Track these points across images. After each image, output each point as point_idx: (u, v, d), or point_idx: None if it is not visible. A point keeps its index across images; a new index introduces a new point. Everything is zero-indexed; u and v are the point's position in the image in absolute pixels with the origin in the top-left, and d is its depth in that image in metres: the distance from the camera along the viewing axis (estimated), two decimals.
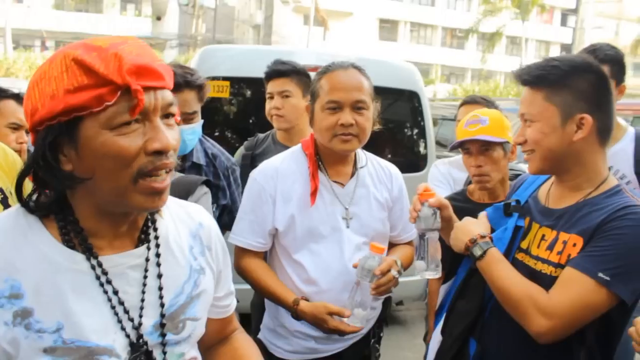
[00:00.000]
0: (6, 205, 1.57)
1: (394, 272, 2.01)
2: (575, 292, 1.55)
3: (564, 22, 47.10)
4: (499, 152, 2.38)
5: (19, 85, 7.49)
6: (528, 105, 1.70)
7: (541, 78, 1.68)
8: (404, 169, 3.66)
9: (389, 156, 4.88)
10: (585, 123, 1.64)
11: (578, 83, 1.65)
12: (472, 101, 3.34)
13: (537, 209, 1.83)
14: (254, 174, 2.19)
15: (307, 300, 2.07)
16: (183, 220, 1.26)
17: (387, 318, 2.44)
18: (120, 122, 0.98)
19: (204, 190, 2.04)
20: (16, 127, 2.66)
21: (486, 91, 25.10)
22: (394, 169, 2.35)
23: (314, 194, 2.09)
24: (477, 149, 2.40)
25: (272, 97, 3.01)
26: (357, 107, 2.04)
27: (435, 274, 1.88)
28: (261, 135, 3.26)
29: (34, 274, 1.02)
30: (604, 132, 1.69)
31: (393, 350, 2.44)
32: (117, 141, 0.98)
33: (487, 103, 3.19)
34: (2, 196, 1.60)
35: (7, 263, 1.02)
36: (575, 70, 1.66)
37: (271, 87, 3.03)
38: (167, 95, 1.05)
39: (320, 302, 2.04)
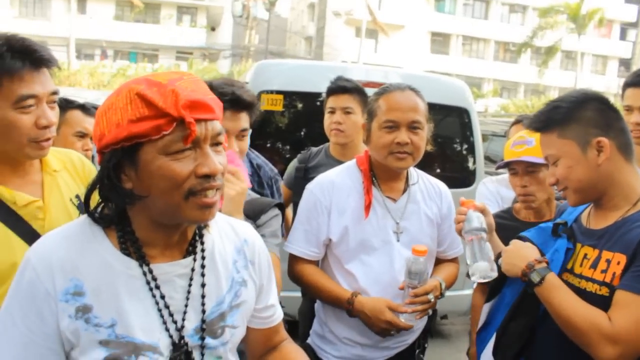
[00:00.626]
0: (82, 211, 1.72)
1: (430, 296, 2.10)
2: (634, 313, 1.58)
3: (623, 36, 45.76)
4: (545, 173, 2.40)
5: (83, 95, 7.82)
6: (547, 148, 1.82)
7: (549, 121, 1.81)
8: (453, 184, 3.69)
9: (438, 171, 4.91)
10: (604, 145, 1.72)
11: (583, 113, 1.76)
12: (516, 122, 3.37)
13: (579, 231, 1.87)
14: (311, 186, 2.30)
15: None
16: (229, 236, 1.40)
17: (432, 330, 2.49)
18: (175, 149, 1.13)
19: (276, 212, 2.13)
20: (82, 136, 2.86)
21: (540, 106, 24.55)
22: (443, 186, 2.43)
23: (367, 207, 2.20)
24: (523, 169, 2.46)
25: (333, 112, 3.11)
26: (413, 126, 2.15)
27: (494, 274, 1.92)
28: (314, 149, 3.37)
29: (95, 276, 1.17)
30: (625, 148, 1.76)
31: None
32: (171, 165, 1.13)
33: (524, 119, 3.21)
34: (78, 202, 1.75)
35: (73, 265, 1.17)
36: (577, 104, 1.77)
37: (333, 102, 3.12)
38: (217, 126, 1.19)
39: (384, 302, 2.11)
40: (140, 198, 1.16)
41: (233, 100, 1.95)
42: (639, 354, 1.61)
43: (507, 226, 2.45)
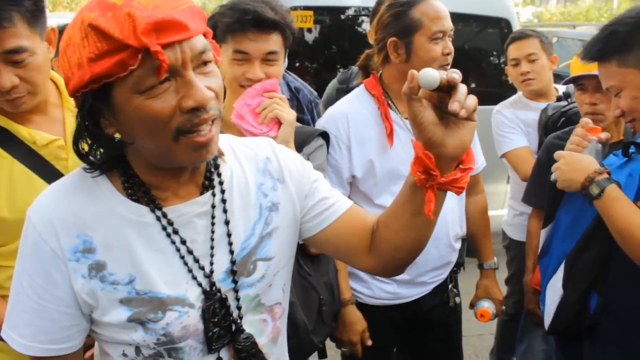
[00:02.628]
0: None
1: None
2: None
3: None
4: None
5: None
6: (606, 79, 1.69)
7: (604, 50, 1.65)
8: (492, 100, 3.51)
9: (474, 86, 4.69)
10: None
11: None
12: (522, 36, 3.03)
13: None
14: (322, 121, 2.11)
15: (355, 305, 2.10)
16: (249, 157, 1.21)
17: (464, 263, 2.41)
18: (148, 86, 0.92)
19: (320, 142, 1.96)
20: None
21: (576, 14, 23.48)
22: None
23: (390, 135, 2.03)
24: (594, 85, 2.24)
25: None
26: (450, 35, 2.01)
27: None
28: (355, 68, 3.12)
29: (103, 228, 1.04)
30: None
31: (471, 287, 2.41)
32: (149, 104, 0.93)
33: (538, 34, 2.98)
34: None
35: (77, 219, 1.03)
36: (636, 27, 1.60)
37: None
38: (197, 43, 0.96)
39: (363, 324, 2.09)
40: (127, 145, 1.01)
41: (256, 19, 1.72)
42: None
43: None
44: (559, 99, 2.92)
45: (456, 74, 0.96)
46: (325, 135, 1.99)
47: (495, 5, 4.58)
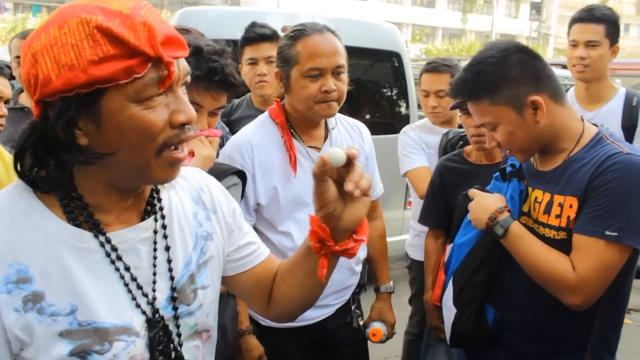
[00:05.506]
0: None
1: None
2: (593, 258, 1.59)
3: None
4: None
5: None
6: (481, 116, 1.73)
7: (475, 90, 1.70)
8: (385, 130, 3.65)
9: (369, 117, 4.86)
10: (539, 103, 1.66)
11: (509, 73, 1.66)
12: (433, 69, 3.14)
13: (529, 173, 1.85)
14: (227, 150, 2.09)
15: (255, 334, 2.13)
16: (183, 186, 1.21)
17: (366, 284, 2.47)
18: (148, 95, 0.93)
19: (235, 180, 1.90)
20: None
21: (460, 50, 25.02)
22: (362, 126, 2.33)
23: (294, 163, 2.05)
24: None
25: (256, 63, 2.95)
26: (337, 72, 1.99)
27: None
28: (236, 101, 3.19)
29: (40, 255, 0.97)
30: (557, 94, 1.70)
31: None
32: (145, 115, 0.93)
33: (450, 69, 3.07)
34: None
35: (9, 246, 0.95)
36: (500, 64, 1.67)
37: (253, 52, 2.97)
38: (186, 64, 1.00)
39: (259, 350, 2.12)
40: (102, 156, 0.95)
41: (222, 81, 1.68)
42: (601, 293, 1.63)
43: (459, 169, 2.42)
44: (460, 125, 3.06)
45: (355, 150, 1.03)
46: (241, 175, 1.94)
47: (388, 41, 4.76)
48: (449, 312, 2.00)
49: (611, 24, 2.79)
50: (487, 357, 1.95)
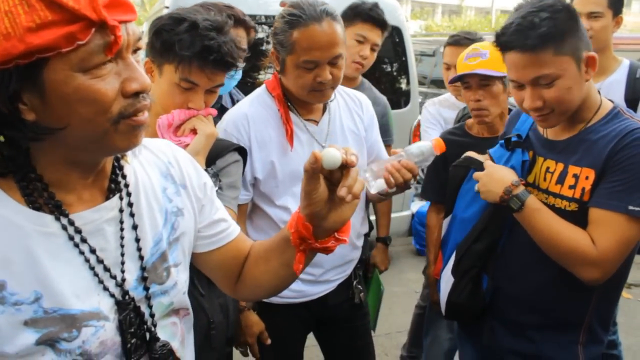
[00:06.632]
0: None
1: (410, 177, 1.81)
2: (615, 232, 1.57)
3: None
4: (499, 87, 2.35)
5: None
6: (540, 67, 1.59)
7: (547, 37, 1.57)
8: None
9: None
10: (594, 60, 1.63)
11: (573, 24, 1.61)
12: (455, 43, 3.17)
13: (539, 142, 1.82)
14: (223, 125, 2.05)
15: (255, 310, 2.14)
16: (150, 161, 1.16)
17: (368, 258, 2.51)
18: (95, 63, 0.86)
19: (236, 157, 1.86)
20: None
21: (461, 27, 24.77)
22: (362, 97, 2.30)
23: (290, 137, 2.03)
24: (477, 82, 2.37)
25: (362, 43, 2.83)
26: (334, 62, 1.95)
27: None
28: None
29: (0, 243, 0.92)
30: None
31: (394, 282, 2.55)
32: (93, 85, 0.86)
33: (473, 42, 3.05)
34: None
35: None
36: (565, 13, 1.61)
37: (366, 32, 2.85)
38: (136, 28, 0.93)
39: (259, 326, 2.13)
40: (53, 131, 0.88)
41: (219, 60, 1.63)
42: (616, 269, 1.62)
43: (460, 142, 2.39)
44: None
45: (354, 157, 1.00)
46: (241, 151, 1.91)
47: (387, 15, 4.69)
48: (447, 283, 2.00)
49: None
50: (482, 328, 1.95)
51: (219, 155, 1.80)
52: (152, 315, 1.07)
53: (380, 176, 1.72)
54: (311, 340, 2.38)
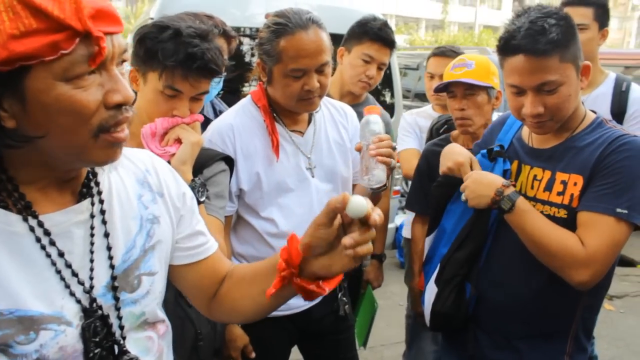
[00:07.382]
0: None
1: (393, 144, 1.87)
2: (603, 234, 1.58)
3: None
4: (483, 97, 2.36)
5: None
6: (545, 73, 1.59)
7: (556, 43, 1.57)
8: None
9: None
10: (587, 69, 1.65)
11: (574, 32, 1.63)
12: (441, 54, 3.31)
13: (523, 150, 1.83)
14: (208, 135, 2.02)
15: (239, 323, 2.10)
16: (126, 167, 1.15)
17: (361, 274, 2.47)
18: (78, 73, 0.86)
19: (222, 167, 1.85)
20: None
21: (446, 41, 25.05)
22: (348, 108, 2.30)
23: (276, 148, 2.02)
24: (462, 92, 2.38)
25: (369, 63, 2.74)
26: (321, 69, 1.95)
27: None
28: None
29: None
30: None
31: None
32: (75, 95, 0.86)
33: (457, 55, 3.07)
34: None
35: None
36: (568, 21, 1.62)
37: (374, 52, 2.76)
38: (122, 40, 0.93)
39: (244, 340, 2.09)
40: (31, 139, 0.88)
41: (202, 67, 1.63)
42: (606, 271, 1.64)
43: None
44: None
45: (378, 217, 0.98)
46: (229, 160, 1.90)
47: None
48: (431, 293, 1.99)
49: (600, 7, 2.78)
50: (467, 338, 1.94)
51: (206, 165, 1.78)
52: (121, 327, 1.05)
53: (374, 167, 1.75)
54: (295, 353, 2.36)
